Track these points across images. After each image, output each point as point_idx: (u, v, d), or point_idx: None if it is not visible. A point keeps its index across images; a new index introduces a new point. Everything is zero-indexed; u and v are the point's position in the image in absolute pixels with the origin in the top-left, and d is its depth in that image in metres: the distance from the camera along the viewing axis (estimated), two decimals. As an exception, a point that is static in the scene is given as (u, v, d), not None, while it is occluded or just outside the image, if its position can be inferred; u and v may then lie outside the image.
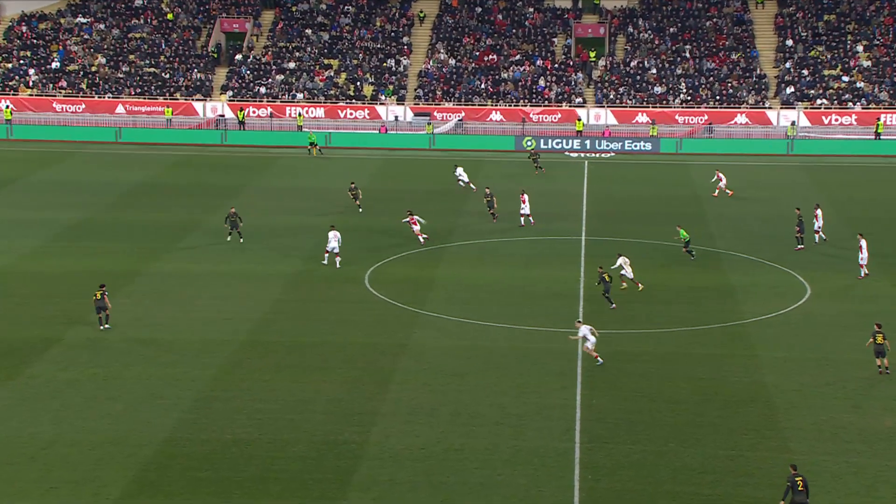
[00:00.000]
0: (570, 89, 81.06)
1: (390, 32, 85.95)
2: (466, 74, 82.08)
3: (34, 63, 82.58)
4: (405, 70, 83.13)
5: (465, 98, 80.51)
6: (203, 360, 34.78)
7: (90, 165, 65.84)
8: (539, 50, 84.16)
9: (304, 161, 68.93)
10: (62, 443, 28.66)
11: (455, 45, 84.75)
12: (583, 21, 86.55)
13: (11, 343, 35.63)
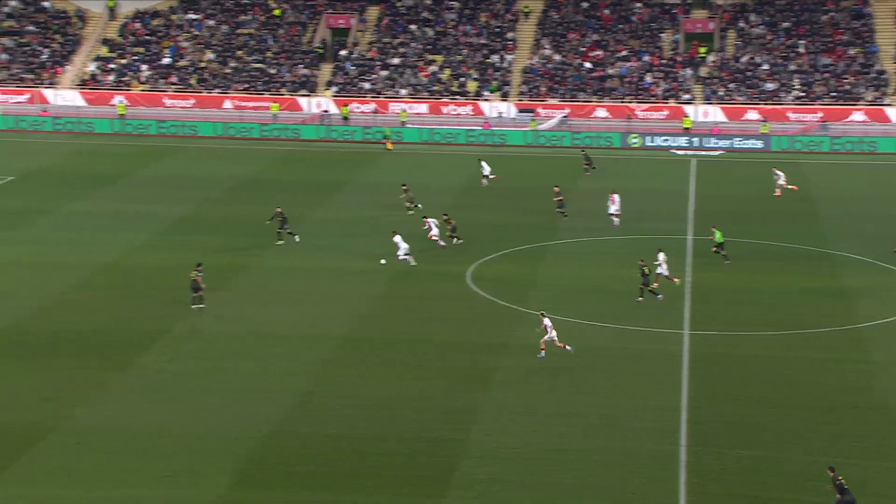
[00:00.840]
0: (678, 85, 79.93)
1: (495, 28, 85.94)
2: (571, 70, 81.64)
3: (146, 59, 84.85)
4: (509, 66, 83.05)
5: (570, 94, 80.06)
6: (305, 355, 35.33)
7: (198, 160, 67.36)
8: (646, 45, 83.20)
9: (406, 157, 69.42)
10: (167, 433, 29.43)
11: (560, 41, 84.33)
12: (692, 16, 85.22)
13: (123, 334, 36.71)
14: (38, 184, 59.27)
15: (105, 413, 30.58)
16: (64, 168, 63.64)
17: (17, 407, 30.66)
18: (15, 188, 58.05)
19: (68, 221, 51.51)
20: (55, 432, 29.18)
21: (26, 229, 49.75)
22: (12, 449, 28.04)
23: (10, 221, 50.91)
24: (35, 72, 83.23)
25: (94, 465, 27.54)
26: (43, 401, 31.15)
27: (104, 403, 31.22)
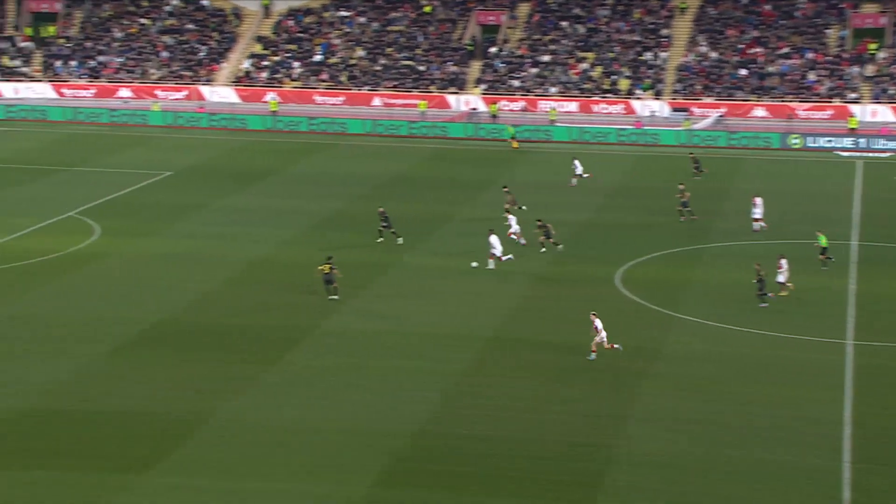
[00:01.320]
0: (844, 84, 77.15)
1: (649, 24, 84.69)
2: (729, 67, 79.76)
3: (298, 56, 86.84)
4: (663, 63, 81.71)
5: (727, 93, 78.21)
6: (450, 354, 35.50)
7: (347, 157, 68.51)
8: (810, 42, 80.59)
9: (554, 156, 69.06)
10: (314, 429, 30.00)
11: (717, 38, 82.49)
12: (861, 10, 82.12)
13: (273, 330, 37.62)
14: (194, 179, 61.32)
15: (254, 407, 31.38)
16: (218, 164, 65.67)
17: (172, 399, 31.75)
18: (172, 183, 60.20)
19: (222, 216, 53.10)
20: (207, 424, 30.10)
21: (182, 224, 51.49)
22: (168, 439, 29.07)
23: (168, 216, 52.80)
24: (193, 69, 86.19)
25: (243, 458, 28.29)
26: (196, 393, 32.17)
27: (253, 397, 32.04)
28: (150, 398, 31.69)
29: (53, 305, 39.31)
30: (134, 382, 32.83)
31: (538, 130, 74.69)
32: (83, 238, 48.11)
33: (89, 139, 72.41)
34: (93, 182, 59.30)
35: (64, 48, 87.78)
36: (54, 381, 32.71)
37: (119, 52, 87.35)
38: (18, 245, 46.97)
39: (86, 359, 34.49)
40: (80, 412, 30.64)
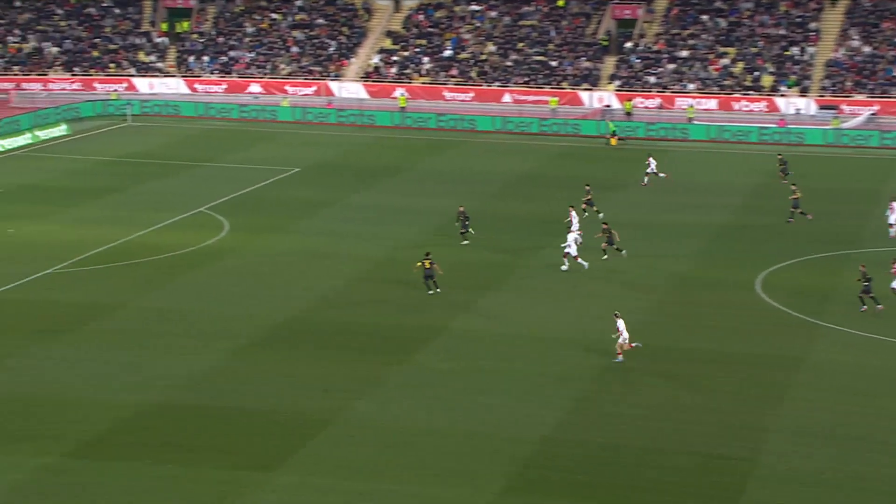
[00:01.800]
0: None
1: (796, 17, 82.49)
2: (884, 63, 77.07)
3: (428, 51, 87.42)
4: (811, 59, 79.48)
5: (881, 90, 75.58)
6: (581, 359, 35.18)
7: (477, 155, 68.61)
8: (969, 35, 77.35)
9: (693, 155, 67.88)
10: (443, 432, 30.11)
11: (871, 31, 79.81)
12: None
13: (400, 330, 37.90)
14: (322, 176, 62.25)
15: (381, 407, 31.66)
16: (346, 160, 66.54)
17: (300, 397, 32.27)
18: (300, 179, 61.25)
19: (349, 213, 53.75)
20: (334, 424, 30.49)
21: (310, 220, 52.31)
22: (296, 438, 29.55)
23: (296, 212, 53.73)
24: (322, 64, 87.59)
25: (369, 459, 28.56)
26: (322, 392, 32.61)
27: (380, 398, 32.32)
28: (279, 396, 32.27)
29: (187, 300, 40.39)
30: (264, 379, 33.48)
31: (674, 129, 73.49)
32: (213, 234, 49.32)
33: (220, 135, 74.25)
34: (223, 178, 60.75)
35: (197, 44, 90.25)
36: (188, 376, 33.60)
37: (250, 48, 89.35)
38: (152, 240, 48.44)
39: (218, 355, 35.33)
40: (212, 408, 31.39)
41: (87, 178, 60.44)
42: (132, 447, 28.90)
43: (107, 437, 29.43)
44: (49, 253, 45.66)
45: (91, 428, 29.85)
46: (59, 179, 59.91)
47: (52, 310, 39.09)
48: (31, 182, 58.96)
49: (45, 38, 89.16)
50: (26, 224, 50.29)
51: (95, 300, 39.91)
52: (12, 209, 52.82)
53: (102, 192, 56.87)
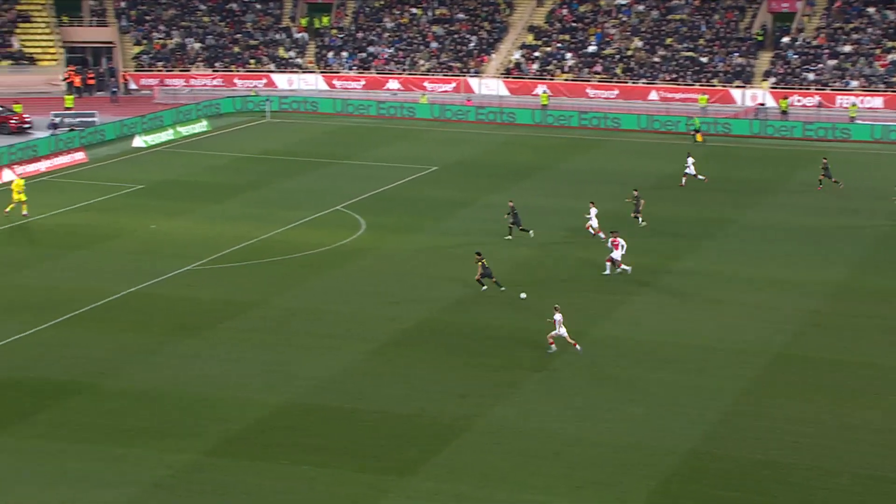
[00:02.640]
0: None
1: (968, 10, 79.54)
2: None
3: (571, 47, 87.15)
4: (984, 54, 76.50)
5: None
6: (731, 370, 34.64)
7: (620, 154, 68.10)
8: None
9: (855, 156, 65.99)
10: (585, 442, 30.02)
11: None
12: None
13: (537, 334, 37.86)
14: (460, 174, 62.71)
15: (519, 414, 31.75)
16: (485, 159, 66.84)
17: (435, 401, 32.62)
18: (438, 178, 61.81)
19: (488, 213, 53.93)
20: (471, 430, 30.72)
21: (448, 220, 52.76)
22: (430, 444, 29.90)
23: (433, 211, 54.26)
24: (462, 60, 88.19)
25: (508, 467, 28.69)
26: (459, 397, 32.90)
27: (517, 404, 32.42)
28: (414, 399, 32.69)
29: (323, 300, 41.22)
30: (398, 382, 33.96)
31: (835, 128, 71.58)
32: (350, 232, 50.19)
33: (358, 132, 75.50)
34: (359, 175, 61.75)
35: (336, 39, 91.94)
36: (325, 376, 34.31)
37: (389, 43, 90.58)
38: (289, 237, 49.60)
39: (355, 356, 35.97)
40: (346, 410, 31.99)
41: (226, 174, 62.22)
42: (270, 447, 29.67)
43: (245, 436, 30.28)
44: (189, 250, 47.19)
45: (230, 426, 30.76)
46: (199, 175, 61.81)
47: (192, 306, 40.39)
48: (172, 178, 61.01)
49: (189, 34, 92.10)
50: (168, 220, 52.05)
51: (233, 298, 41.08)
52: (154, 205, 54.75)
53: (241, 188, 58.45)
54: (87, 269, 44.59)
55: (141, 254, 46.46)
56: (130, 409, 31.76)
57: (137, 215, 52.66)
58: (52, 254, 46.41)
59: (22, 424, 30.59)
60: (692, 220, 51.91)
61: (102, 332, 37.70)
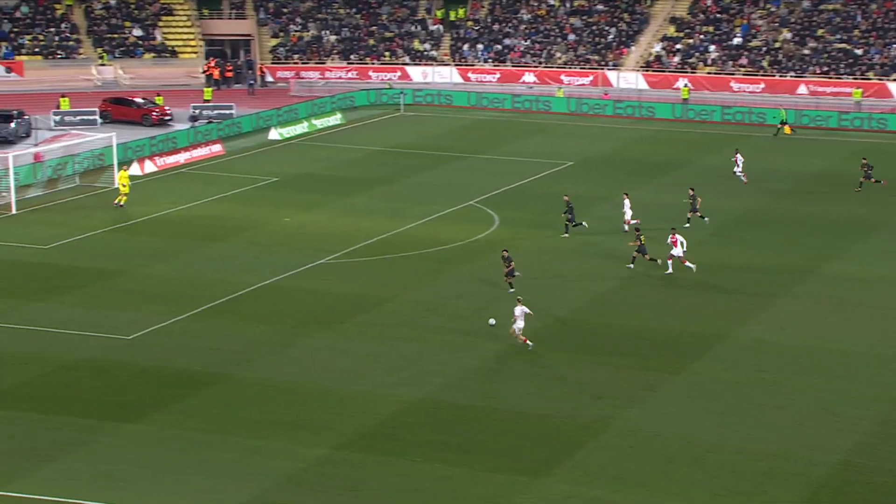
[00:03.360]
0: None
1: None
2: None
3: (715, 39, 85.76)
4: None
5: None
6: (884, 378, 33.74)
7: (764, 151, 66.72)
8: None
9: None
10: (727, 449, 29.57)
11: None
12: None
13: (676, 335, 37.52)
14: (596, 170, 62.37)
15: (656, 418, 31.46)
16: (622, 154, 66.30)
17: (569, 401, 32.56)
18: (574, 174, 61.59)
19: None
20: (606, 432, 30.58)
21: (582, 217, 52.52)
22: (565, 445, 29.84)
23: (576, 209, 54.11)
24: (600, 52, 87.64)
25: (644, 472, 28.47)
26: (594, 398, 32.77)
27: (655, 407, 32.13)
28: (548, 399, 32.67)
29: (456, 295, 41.48)
30: (531, 381, 33.98)
31: None
32: (483, 228, 50.40)
33: (492, 126, 75.68)
34: (493, 170, 61.90)
35: (472, 31, 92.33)
36: (455, 373, 34.56)
37: (525, 35, 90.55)
38: (423, 232, 50.05)
39: (488, 353, 36.11)
40: (479, 408, 32.15)
41: (360, 167, 63.09)
42: (403, 443, 30.02)
43: (378, 431, 30.70)
44: (321, 243, 48.02)
45: (362, 421, 31.22)
46: (333, 169, 62.82)
47: (324, 300, 41.12)
48: (306, 171, 62.16)
49: (325, 27, 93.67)
50: (301, 213, 53.07)
51: (366, 292, 41.66)
52: (288, 198, 55.87)
53: (374, 182, 59.21)
54: (222, 260, 45.78)
55: (274, 246, 47.49)
56: (264, 401, 32.52)
57: (271, 208, 53.82)
58: (188, 245, 47.78)
59: (160, 413, 31.61)
60: (845, 221, 50.62)
61: (237, 323, 38.68)
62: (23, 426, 30.66)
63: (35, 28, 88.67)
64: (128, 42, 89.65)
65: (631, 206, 49.32)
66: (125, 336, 37.28)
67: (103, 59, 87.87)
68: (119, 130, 64.70)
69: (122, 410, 31.70)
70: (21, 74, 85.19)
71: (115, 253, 46.66)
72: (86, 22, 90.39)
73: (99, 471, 28.43)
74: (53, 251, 46.74)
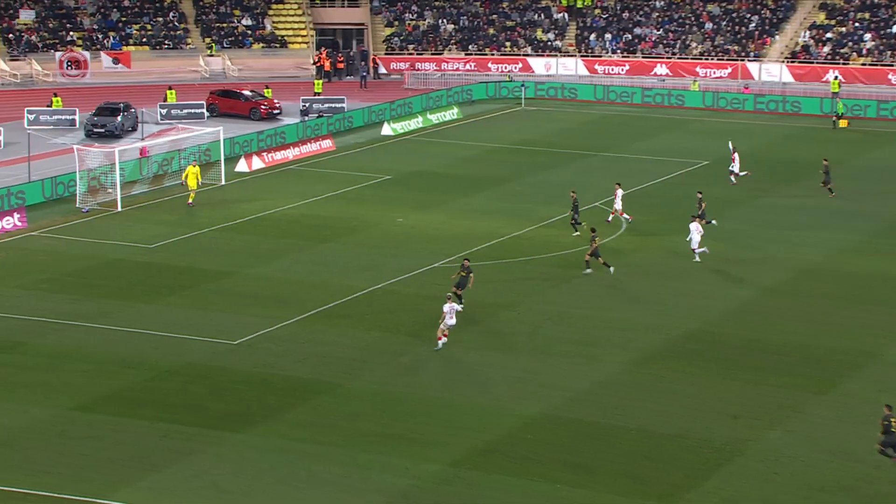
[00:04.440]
0: None
1: None
2: None
3: (871, 26, 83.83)
4: None
5: None
6: None
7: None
8: None
9: None
10: (883, 479, 28.89)
11: None
12: None
13: (825, 352, 36.82)
14: (735, 170, 61.63)
15: (801, 441, 30.91)
16: (764, 153, 65.28)
17: (703, 421, 32.17)
18: (709, 174, 60.89)
19: (765, 215, 52.77)
20: (743, 456, 30.16)
21: (718, 221, 51.87)
22: (698, 469, 29.50)
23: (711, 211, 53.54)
24: (740, 42, 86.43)
25: (788, 501, 28.01)
26: (731, 418, 32.35)
27: (799, 430, 31.56)
28: (679, 417, 32.34)
29: (579, 304, 41.33)
30: (662, 398, 33.67)
31: None
32: (609, 232, 50.12)
33: (620, 121, 75.26)
34: (621, 169, 61.49)
35: (599, 20, 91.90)
36: (579, 387, 34.43)
37: (658, 24, 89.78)
38: (543, 235, 49.98)
39: (614, 366, 35.94)
40: (604, 425, 31.96)
41: (478, 165, 63.30)
42: (521, 461, 30.01)
43: (495, 447, 30.74)
44: (436, 245, 48.32)
45: (479, 436, 31.29)
46: (449, 167, 63.17)
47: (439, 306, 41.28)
48: (421, 169, 62.60)
49: (442, 15, 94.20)
50: (414, 213, 53.47)
51: (482, 299, 41.74)
52: (401, 197, 56.34)
53: (492, 181, 59.35)
54: (332, 262, 46.38)
55: (387, 248, 47.95)
56: (376, 413, 32.86)
57: (384, 207, 54.36)
58: (297, 246, 48.53)
59: (267, 423, 32.16)
60: None
61: (348, 329, 39.14)
62: (127, 432, 31.49)
63: (143, 17, 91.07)
64: (236, 32, 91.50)
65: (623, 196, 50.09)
66: (231, 340, 38.03)
67: (211, 50, 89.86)
68: (226, 125, 66.06)
69: (228, 418, 32.35)
70: (128, 66, 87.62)
71: (221, 253, 47.65)
72: (194, 11, 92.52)
73: (204, 482, 29.05)
74: (158, 250, 47.94)
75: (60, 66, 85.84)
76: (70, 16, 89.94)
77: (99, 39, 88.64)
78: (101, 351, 37.17)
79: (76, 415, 32.50)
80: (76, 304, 41.38)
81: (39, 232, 50.60)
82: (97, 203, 54.30)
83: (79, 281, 44.08)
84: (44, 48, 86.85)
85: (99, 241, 49.10)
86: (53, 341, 37.99)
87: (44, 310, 40.71)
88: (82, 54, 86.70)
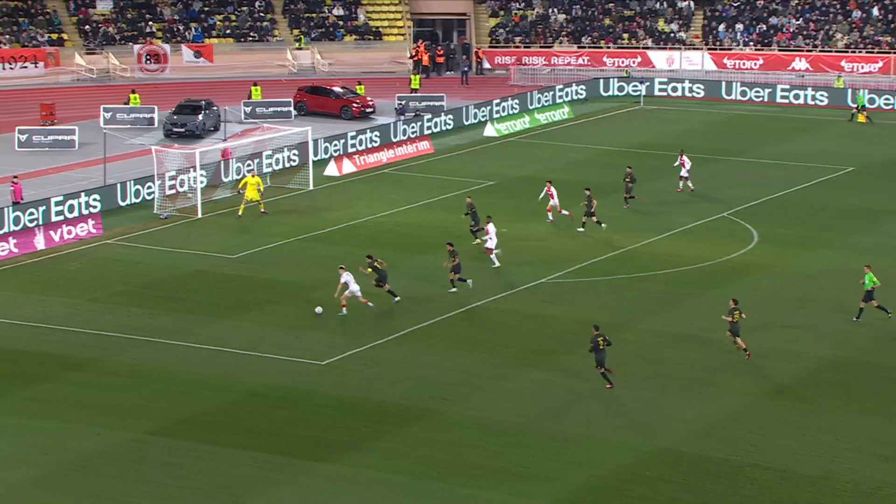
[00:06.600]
0: None
1: None
2: None
3: None
4: None
5: None
6: None
7: None
8: None
9: None
10: None
11: None
12: None
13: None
14: (884, 178, 61.15)
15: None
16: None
17: (848, 461, 31.82)
18: (855, 181, 60.56)
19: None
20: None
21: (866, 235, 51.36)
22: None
23: (847, 223, 53.13)
24: (894, 33, 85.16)
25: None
26: (881, 459, 31.94)
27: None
28: (819, 456, 31.94)
29: (705, 326, 40.91)
30: (799, 434, 33.25)
31: None
32: (739, 245, 49.77)
33: (752, 122, 74.71)
34: (753, 176, 61.09)
35: (729, 8, 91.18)
36: (703, 419, 34.22)
37: (797, 13, 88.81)
38: (664, 248, 49.75)
39: (742, 396, 35.67)
40: (732, 463, 31.64)
41: (589, 170, 63.15)
42: (639, 500, 29.86)
43: (609, 484, 30.62)
44: (544, 258, 48.40)
45: (590, 472, 31.22)
46: (559, 171, 63.01)
47: (546, 326, 41.37)
48: (527, 173, 62.62)
49: (553, 4, 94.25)
50: (520, 223, 53.44)
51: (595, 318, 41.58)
52: (506, 204, 56.31)
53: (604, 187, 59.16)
54: (430, 276, 46.52)
55: (488, 260, 48.02)
56: (476, 443, 32.96)
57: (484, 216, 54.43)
58: (390, 257, 48.47)
59: (358, 452, 32.42)
60: None
61: (445, 350, 39.35)
62: (209, 460, 32.00)
63: (227, 7, 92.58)
64: (327, 23, 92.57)
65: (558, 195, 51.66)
66: (318, 361, 38.48)
67: (300, 43, 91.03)
68: (315, 124, 66.87)
69: (316, 447, 32.72)
70: (210, 60, 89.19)
71: (309, 264, 48.23)
72: (281, 0, 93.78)
73: (289, 515, 29.45)
74: (241, 261, 48.69)
75: (139, 60, 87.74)
76: (149, 6, 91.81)
77: (180, 31, 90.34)
78: (179, 370, 37.86)
79: (154, 439, 33.12)
80: (153, 318, 42.19)
81: (115, 240, 51.71)
82: (176, 209, 55.31)
83: (156, 293, 44.94)
84: (121, 41, 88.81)
85: (178, 250, 50.02)
86: (129, 359, 38.79)
87: (119, 324, 41.60)
88: (162, 47, 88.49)
